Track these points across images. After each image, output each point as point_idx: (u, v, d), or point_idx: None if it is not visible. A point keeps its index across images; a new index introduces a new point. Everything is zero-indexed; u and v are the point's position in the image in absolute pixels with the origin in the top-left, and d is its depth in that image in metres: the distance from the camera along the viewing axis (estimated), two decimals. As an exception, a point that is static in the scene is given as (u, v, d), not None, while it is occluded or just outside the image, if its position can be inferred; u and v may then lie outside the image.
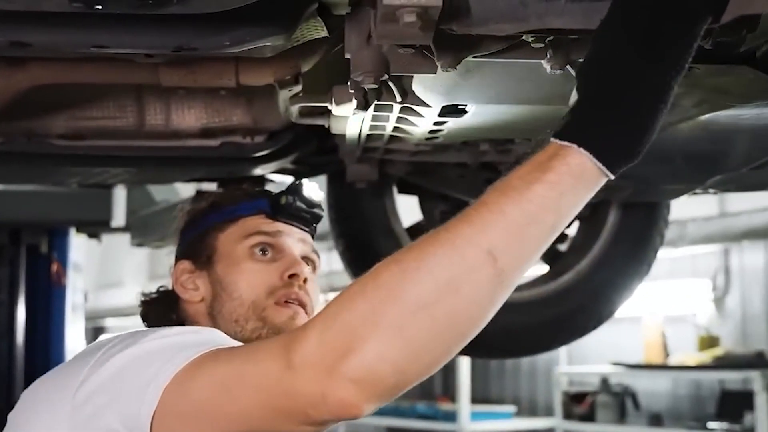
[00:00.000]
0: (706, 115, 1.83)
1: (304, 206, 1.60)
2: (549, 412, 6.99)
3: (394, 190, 2.88)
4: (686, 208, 3.00)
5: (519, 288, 3.00)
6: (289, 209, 1.58)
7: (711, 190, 2.62)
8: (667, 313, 6.15)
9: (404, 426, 7.34)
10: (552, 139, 1.07)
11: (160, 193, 3.56)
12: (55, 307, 3.89)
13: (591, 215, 2.94)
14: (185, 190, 3.76)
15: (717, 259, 6.14)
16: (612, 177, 1.05)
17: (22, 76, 1.76)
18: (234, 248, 1.57)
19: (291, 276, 1.53)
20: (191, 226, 1.65)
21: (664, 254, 3.06)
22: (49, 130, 2.12)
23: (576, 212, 1.07)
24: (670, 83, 1.05)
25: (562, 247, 3.08)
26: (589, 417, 6.28)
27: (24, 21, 1.42)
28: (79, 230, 3.93)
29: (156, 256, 13.98)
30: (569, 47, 1.52)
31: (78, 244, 4.01)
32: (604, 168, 1.04)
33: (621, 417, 6.18)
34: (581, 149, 1.03)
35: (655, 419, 5.96)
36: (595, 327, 2.97)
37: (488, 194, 1.06)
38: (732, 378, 5.71)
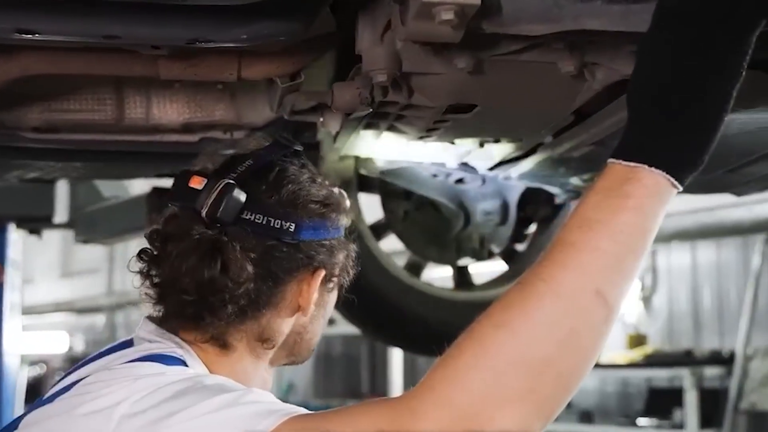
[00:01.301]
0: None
1: None
2: (477, 410, 7.05)
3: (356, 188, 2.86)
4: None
5: (480, 287, 3.00)
6: None
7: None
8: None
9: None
10: (615, 161, 1.03)
11: (109, 188, 3.46)
12: (-7, 305, 3.75)
13: (552, 215, 2.97)
14: (133, 185, 3.67)
15: (644, 259, 6.29)
16: (681, 189, 1.04)
17: (12, 66, 1.67)
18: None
19: None
20: (320, 224, 1.34)
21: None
22: (22, 123, 2.03)
23: (657, 228, 1.04)
24: (731, 90, 1.05)
25: (520, 246, 3.10)
26: (519, 414, 6.37)
27: (32, 7, 1.35)
28: (19, 226, 3.80)
29: (69, 253, 13.65)
30: (586, 49, 1.53)
31: (16, 239, 3.87)
32: (676, 183, 1.02)
33: (551, 414, 6.27)
34: (653, 169, 1.01)
35: (586, 416, 6.07)
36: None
37: (569, 233, 1.02)
38: (659, 376, 5.85)
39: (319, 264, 1.33)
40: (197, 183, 1.28)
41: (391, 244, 2.98)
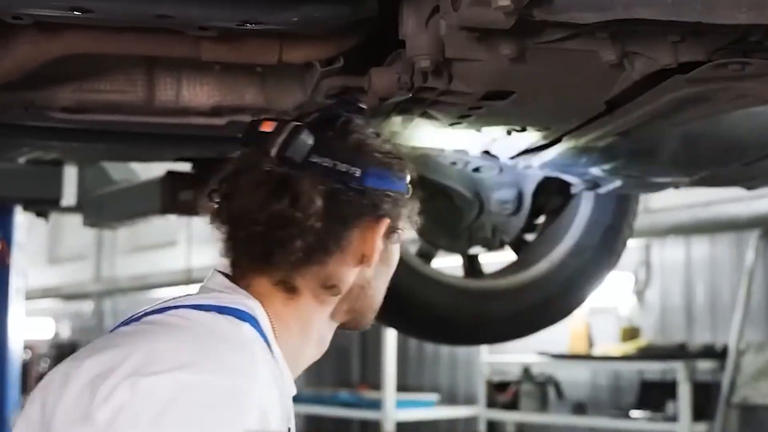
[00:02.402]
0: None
1: None
2: (468, 401, 7.09)
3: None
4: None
5: (490, 276, 3.01)
6: None
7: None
8: (591, 305, 6.30)
9: (326, 414, 7.34)
10: None
11: (118, 172, 3.46)
12: (-1, 288, 3.74)
13: (563, 206, 3.00)
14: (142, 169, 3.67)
15: (638, 253, 6.33)
16: None
17: (56, 44, 1.68)
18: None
19: None
20: (385, 174, 1.37)
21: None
22: (52, 102, 2.03)
23: None
24: None
25: (529, 236, 3.13)
26: (512, 405, 6.40)
27: (88, -14, 1.36)
28: (26, 208, 3.78)
29: (56, 239, 13.57)
30: (627, 38, 1.56)
31: (21, 222, 3.86)
32: None
33: (544, 405, 6.32)
34: None
35: (578, 408, 6.11)
36: (565, 316, 3.03)
37: None
38: (652, 368, 5.89)
39: (383, 213, 1.36)
40: (268, 127, 1.34)
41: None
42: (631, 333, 6.10)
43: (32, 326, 12.02)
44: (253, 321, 1.28)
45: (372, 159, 1.36)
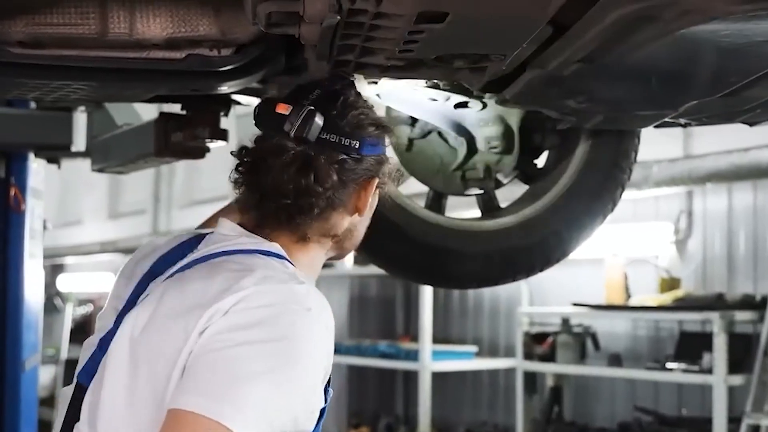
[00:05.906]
0: (682, 32, 1.78)
1: None
2: (509, 353, 7.04)
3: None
4: (651, 149, 3.03)
5: (505, 210, 2.87)
6: None
7: (681, 121, 2.56)
8: (629, 255, 6.18)
9: (366, 364, 7.37)
10: None
11: (122, 116, 3.47)
12: (13, 234, 3.80)
13: (561, 144, 2.91)
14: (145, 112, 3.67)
15: (680, 202, 6.17)
16: None
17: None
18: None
19: None
20: (375, 142, 1.74)
21: (627, 196, 3.02)
22: (7, 37, 2.04)
23: None
24: None
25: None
26: (549, 357, 6.33)
27: None
28: (38, 155, 3.83)
29: (116, 194, 13.83)
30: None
31: (37, 169, 3.91)
32: None
33: (581, 357, 6.23)
34: None
35: (615, 359, 6.02)
36: (558, 261, 2.93)
37: None
38: (690, 319, 5.76)
39: (374, 174, 1.74)
40: (283, 109, 1.67)
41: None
42: (670, 284, 5.96)
43: (93, 280, 12.31)
44: (287, 260, 1.65)
45: (367, 132, 1.71)
